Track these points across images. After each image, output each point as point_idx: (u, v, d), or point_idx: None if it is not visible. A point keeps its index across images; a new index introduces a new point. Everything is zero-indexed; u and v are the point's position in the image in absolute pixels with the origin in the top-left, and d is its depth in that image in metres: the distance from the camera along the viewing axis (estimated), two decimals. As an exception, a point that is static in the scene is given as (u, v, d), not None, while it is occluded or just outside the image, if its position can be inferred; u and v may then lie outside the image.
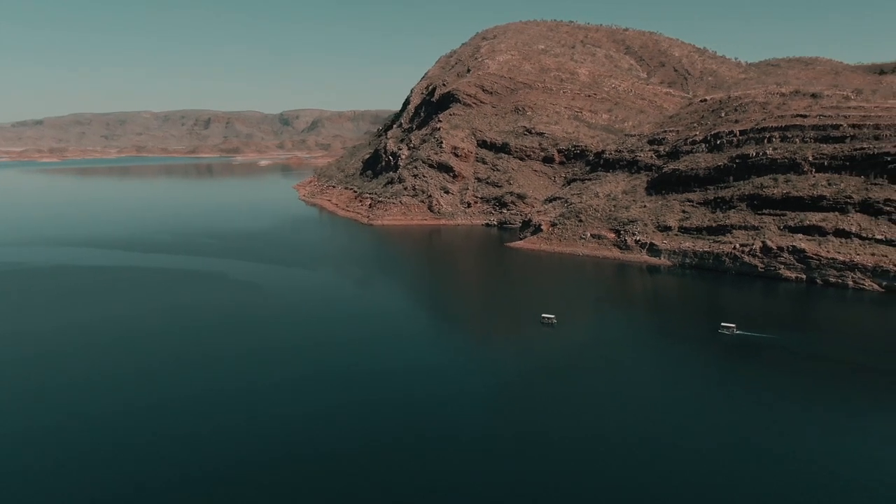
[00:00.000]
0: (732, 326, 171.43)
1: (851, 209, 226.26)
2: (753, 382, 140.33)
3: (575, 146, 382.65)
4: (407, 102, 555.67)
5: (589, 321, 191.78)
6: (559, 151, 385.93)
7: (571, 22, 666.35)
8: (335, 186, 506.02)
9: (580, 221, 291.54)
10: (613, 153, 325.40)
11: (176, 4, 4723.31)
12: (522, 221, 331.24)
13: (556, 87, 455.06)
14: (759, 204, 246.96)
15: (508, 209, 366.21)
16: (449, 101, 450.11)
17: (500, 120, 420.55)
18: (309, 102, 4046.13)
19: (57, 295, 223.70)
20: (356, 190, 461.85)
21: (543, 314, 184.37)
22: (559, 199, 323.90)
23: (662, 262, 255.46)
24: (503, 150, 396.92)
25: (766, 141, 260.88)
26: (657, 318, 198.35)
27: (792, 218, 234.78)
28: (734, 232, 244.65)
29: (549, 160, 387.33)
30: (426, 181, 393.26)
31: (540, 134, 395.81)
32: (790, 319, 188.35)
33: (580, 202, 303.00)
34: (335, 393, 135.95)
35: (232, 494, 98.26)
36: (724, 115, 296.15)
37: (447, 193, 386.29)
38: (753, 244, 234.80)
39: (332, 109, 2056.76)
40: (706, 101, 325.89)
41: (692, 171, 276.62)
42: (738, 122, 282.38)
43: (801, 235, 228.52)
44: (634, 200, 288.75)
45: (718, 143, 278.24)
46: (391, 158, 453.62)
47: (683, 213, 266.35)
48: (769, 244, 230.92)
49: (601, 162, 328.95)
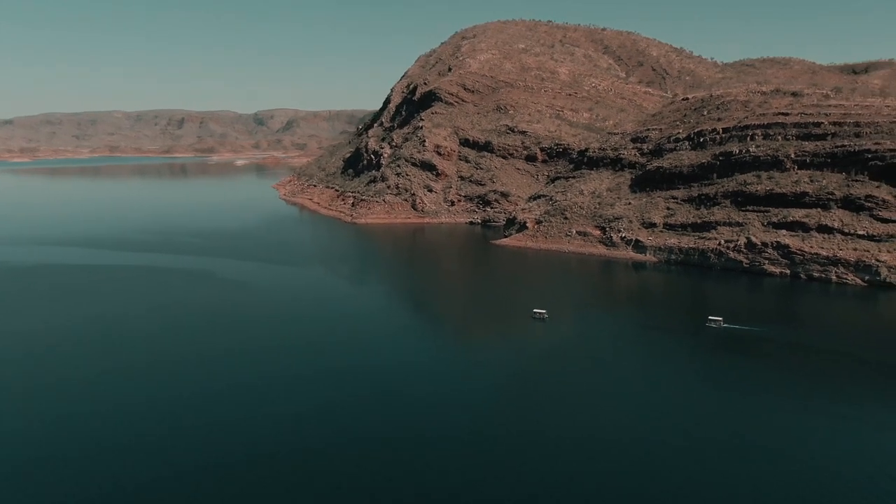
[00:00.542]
0: (720, 320, 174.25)
1: (834, 205, 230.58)
2: (740, 372, 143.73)
3: (557, 144, 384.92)
4: (387, 101, 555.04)
5: (579, 316, 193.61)
6: (542, 150, 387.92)
7: (550, 22, 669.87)
8: (316, 185, 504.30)
9: (565, 219, 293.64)
10: (597, 151, 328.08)
11: (147, 4, 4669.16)
12: (507, 219, 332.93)
13: (537, 86, 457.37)
14: (742, 201, 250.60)
15: (492, 207, 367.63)
16: (431, 99, 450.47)
17: (482, 118, 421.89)
18: (284, 102, 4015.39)
19: (42, 294, 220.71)
20: (338, 189, 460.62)
21: (535, 309, 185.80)
22: (543, 196, 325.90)
23: (648, 258, 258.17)
24: (486, 148, 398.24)
25: (748, 139, 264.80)
26: (645, 312, 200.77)
27: (775, 214, 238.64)
28: (719, 228, 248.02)
29: (531, 158, 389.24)
30: (409, 180, 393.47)
31: (522, 132, 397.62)
32: (775, 313, 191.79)
33: (565, 200, 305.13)
34: (327, 391, 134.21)
35: (224, 492, 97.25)
36: (706, 113, 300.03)
37: (431, 192, 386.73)
38: (738, 240, 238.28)
39: (307, 109, 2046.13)
40: (688, 99, 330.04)
41: (676, 168, 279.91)
42: (720, 120, 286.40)
43: (784, 231, 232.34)
44: (619, 198, 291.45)
45: (702, 140, 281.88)
46: (373, 157, 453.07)
47: (668, 209, 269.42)
48: (754, 240, 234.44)
49: (585, 160, 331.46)
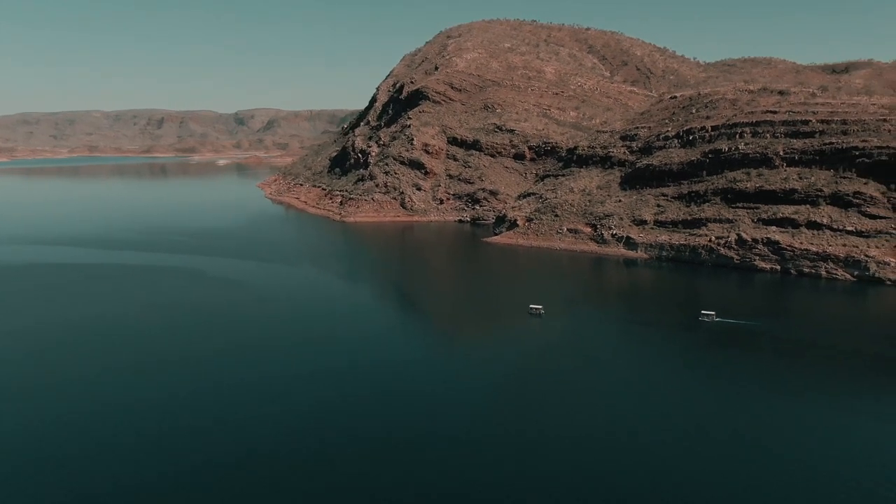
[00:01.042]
0: (712, 314, 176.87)
1: (822, 202, 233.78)
2: (734, 365, 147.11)
3: (545, 143, 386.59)
4: (373, 100, 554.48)
5: (575, 311, 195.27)
6: (530, 148, 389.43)
7: (534, 21, 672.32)
8: (302, 184, 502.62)
9: (556, 216, 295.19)
10: (586, 149, 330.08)
11: (124, 3, 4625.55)
12: (497, 217, 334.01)
13: (523, 84, 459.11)
14: (732, 197, 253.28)
15: (481, 205, 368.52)
16: (418, 98, 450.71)
17: (469, 117, 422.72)
18: (264, 102, 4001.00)
19: (34, 293, 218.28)
20: (325, 187, 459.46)
21: (531, 305, 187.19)
22: (533, 194, 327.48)
23: (639, 255, 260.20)
24: (474, 146, 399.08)
25: (737, 136, 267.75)
26: (639, 307, 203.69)
27: (765, 211, 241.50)
28: (709, 225, 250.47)
29: (520, 157, 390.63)
30: (398, 178, 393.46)
31: (510, 131, 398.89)
32: (767, 308, 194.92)
33: (555, 197, 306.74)
34: (326, 390, 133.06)
35: (221, 492, 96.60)
36: (694, 111, 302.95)
37: (419, 190, 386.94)
38: (728, 236, 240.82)
39: (287, 109, 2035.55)
40: (676, 97, 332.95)
41: (666, 166, 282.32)
42: (709, 118, 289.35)
43: (774, 228, 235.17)
44: (609, 195, 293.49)
45: (691, 138, 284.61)
46: (360, 156, 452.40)
47: (658, 207, 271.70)
48: (744, 236, 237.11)
49: (574, 158, 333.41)
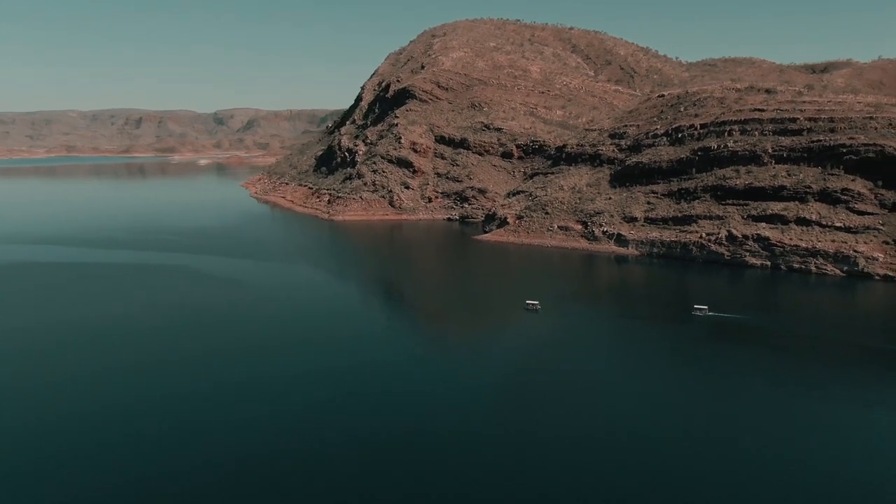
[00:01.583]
0: (705, 308, 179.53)
1: (811, 198, 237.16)
2: (727, 356, 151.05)
3: (533, 141, 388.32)
4: (359, 99, 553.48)
5: (570, 307, 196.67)
6: (518, 146, 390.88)
7: (518, 21, 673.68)
8: (288, 183, 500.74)
9: (546, 214, 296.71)
10: (575, 147, 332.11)
11: (100, 2, 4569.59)
12: (486, 215, 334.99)
13: (510, 83, 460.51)
14: (722, 194, 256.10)
15: (470, 204, 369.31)
16: (404, 97, 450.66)
17: (457, 116, 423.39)
18: (244, 102, 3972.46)
19: (30, 292, 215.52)
20: (311, 186, 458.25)
21: (528, 301, 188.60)
22: (522, 192, 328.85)
23: (630, 251, 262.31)
24: (462, 145, 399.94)
25: (726, 134, 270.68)
26: (633, 302, 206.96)
27: (755, 207, 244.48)
28: (699, 222, 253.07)
29: (507, 155, 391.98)
30: (386, 177, 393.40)
31: (498, 129, 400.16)
32: (758, 302, 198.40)
33: (545, 195, 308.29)
34: (324, 390, 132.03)
35: (217, 492, 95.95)
36: (683, 109, 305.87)
37: (407, 189, 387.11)
38: (719, 233, 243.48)
39: (267, 109, 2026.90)
40: (664, 96, 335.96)
41: (655, 163, 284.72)
42: (697, 116, 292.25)
43: (764, 224, 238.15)
44: (599, 193, 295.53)
45: (680, 136, 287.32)
46: (347, 155, 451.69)
47: (648, 204, 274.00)
48: (734, 233, 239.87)
49: (563, 156, 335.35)
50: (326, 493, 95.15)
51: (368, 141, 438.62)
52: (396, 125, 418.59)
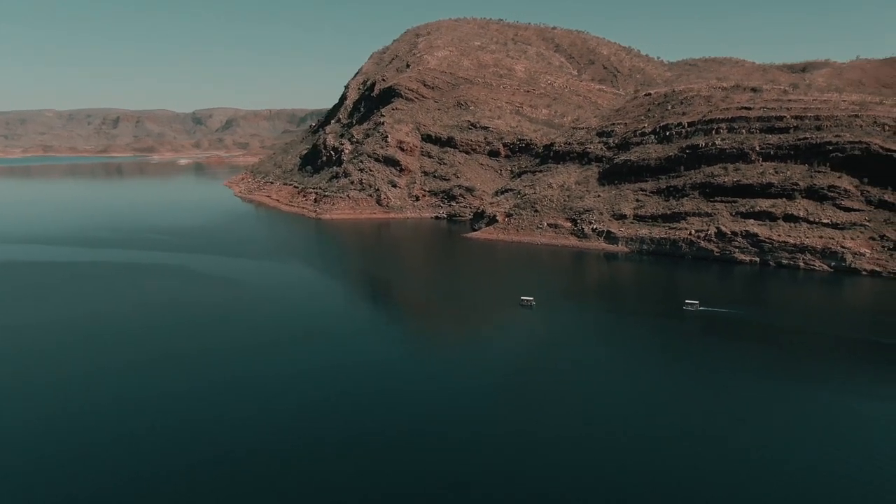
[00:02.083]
0: (696, 303, 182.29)
1: (798, 195, 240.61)
2: (719, 350, 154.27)
3: (520, 140, 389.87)
4: (343, 98, 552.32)
5: (564, 303, 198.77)
6: (504, 145, 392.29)
7: (501, 20, 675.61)
8: (273, 182, 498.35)
9: (536, 211, 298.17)
10: (563, 145, 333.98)
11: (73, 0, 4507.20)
12: (475, 213, 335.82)
13: (495, 82, 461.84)
14: (710, 192, 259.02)
15: (457, 202, 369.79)
16: (390, 95, 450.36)
17: (443, 114, 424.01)
18: (222, 101, 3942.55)
19: (22, 291, 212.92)
20: (297, 185, 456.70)
21: (522, 297, 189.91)
22: (510, 190, 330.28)
23: (620, 248, 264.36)
24: (448, 144, 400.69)
25: (714, 132, 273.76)
26: (625, 297, 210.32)
27: (743, 204, 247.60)
28: (689, 219, 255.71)
29: (494, 154, 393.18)
30: (373, 175, 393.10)
31: (485, 128, 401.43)
32: (748, 297, 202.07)
33: (534, 193, 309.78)
34: (315, 388, 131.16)
35: (216, 490, 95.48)
36: (670, 108, 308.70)
37: (395, 187, 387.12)
38: (708, 230, 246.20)
39: (246, 108, 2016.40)
40: (651, 94, 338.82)
41: (644, 161, 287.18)
42: (685, 114, 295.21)
43: (752, 221, 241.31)
44: (588, 190, 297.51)
45: (668, 134, 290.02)
46: (333, 153, 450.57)
47: (637, 201, 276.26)
48: (723, 229, 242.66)
49: (551, 154, 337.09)
50: (321, 492, 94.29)
51: (354, 140, 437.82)
52: (383, 124, 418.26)
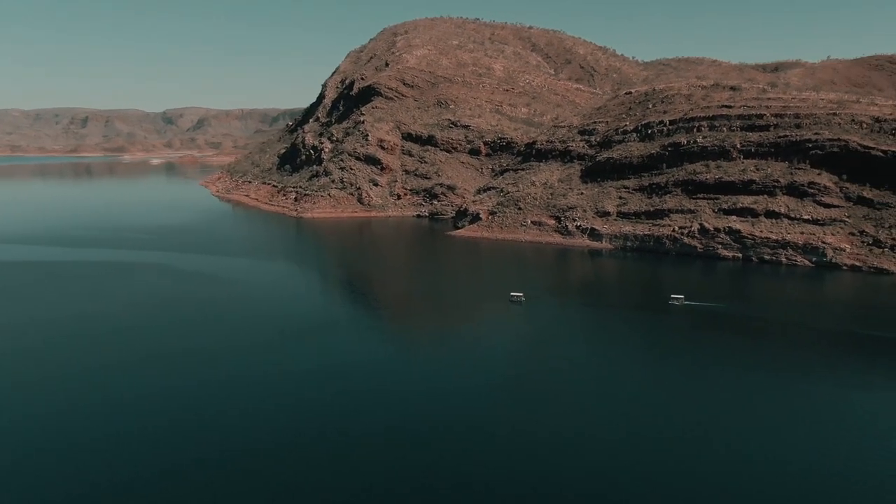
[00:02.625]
0: (681, 297, 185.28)
1: (779, 192, 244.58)
2: (705, 342, 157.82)
3: (500, 138, 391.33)
4: (322, 96, 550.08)
5: (552, 298, 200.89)
6: (485, 143, 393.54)
7: (477, 19, 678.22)
8: (251, 182, 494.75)
9: (519, 209, 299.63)
10: (545, 143, 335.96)
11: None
12: (458, 211, 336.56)
13: (474, 81, 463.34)
14: (693, 189, 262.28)
15: (439, 200, 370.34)
16: (370, 94, 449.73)
17: (423, 113, 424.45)
18: (193, 100, 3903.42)
19: (8, 291, 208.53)
20: (276, 184, 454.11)
21: (512, 293, 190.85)
22: (493, 188, 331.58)
23: (604, 245, 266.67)
24: (429, 142, 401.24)
25: (695, 130, 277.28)
26: (612, 293, 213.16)
27: (725, 201, 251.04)
28: (672, 216, 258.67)
29: (475, 152, 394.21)
30: (354, 174, 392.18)
31: (465, 126, 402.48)
32: (732, 291, 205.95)
33: (517, 191, 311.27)
34: (307, 388, 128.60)
35: (210, 488, 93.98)
36: (651, 106, 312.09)
37: (376, 186, 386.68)
38: (691, 226, 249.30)
39: (218, 108, 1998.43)
40: (631, 93, 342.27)
41: (626, 159, 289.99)
42: (666, 112, 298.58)
43: (734, 217, 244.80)
44: (571, 188, 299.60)
45: (650, 132, 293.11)
46: (312, 152, 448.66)
47: (620, 199, 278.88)
48: (706, 226, 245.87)
49: (533, 152, 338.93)
50: (311, 493, 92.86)
51: (334, 138, 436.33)
52: (363, 122, 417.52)
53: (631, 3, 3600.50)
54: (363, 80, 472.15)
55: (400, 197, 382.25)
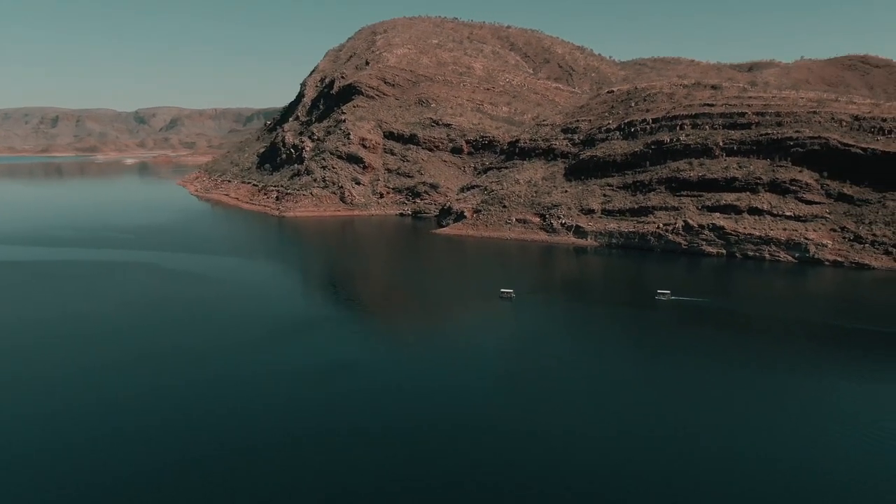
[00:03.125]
0: (668, 292, 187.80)
1: (761, 189, 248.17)
2: (692, 335, 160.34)
3: (482, 137, 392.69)
4: (301, 95, 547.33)
5: (541, 295, 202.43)
6: (467, 142, 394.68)
7: (455, 19, 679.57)
8: (230, 181, 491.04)
9: (504, 207, 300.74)
10: (528, 142, 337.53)
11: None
12: (442, 209, 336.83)
13: (455, 80, 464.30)
14: (677, 186, 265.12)
15: (422, 199, 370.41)
16: (350, 93, 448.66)
17: (404, 112, 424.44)
18: (166, 100, 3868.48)
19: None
20: (256, 183, 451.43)
21: (502, 289, 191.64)
22: (476, 187, 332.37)
23: (589, 242, 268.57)
24: (411, 141, 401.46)
25: (678, 128, 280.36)
26: (599, 289, 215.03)
27: (709, 198, 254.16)
28: (656, 213, 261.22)
29: (457, 151, 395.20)
30: (336, 173, 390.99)
31: (447, 125, 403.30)
32: (717, 286, 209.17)
33: (501, 189, 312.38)
34: (300, 387, 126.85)
35: (205, 487, 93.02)
36: (633, 104, 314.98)
37: (358, 184, 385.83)
38: (676, 223, 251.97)
39: (191, 108, 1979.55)
40: (613, 92, 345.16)
41: (609, 157, 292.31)
42: (648, 111, 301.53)
43: (718, 214, 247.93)
44: (555, 186, 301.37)
45: (633, 130, 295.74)
46: (293, 151, 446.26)
47: (605, 196, 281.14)
48: (690, 223, 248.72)
49: (516, 151, 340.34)
50: (304, 491, 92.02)
51: (315, 137, 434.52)
52: (344, 121, 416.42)
53: (600, 2, 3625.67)
54: (343, 78, 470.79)
55: (383, 196, 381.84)
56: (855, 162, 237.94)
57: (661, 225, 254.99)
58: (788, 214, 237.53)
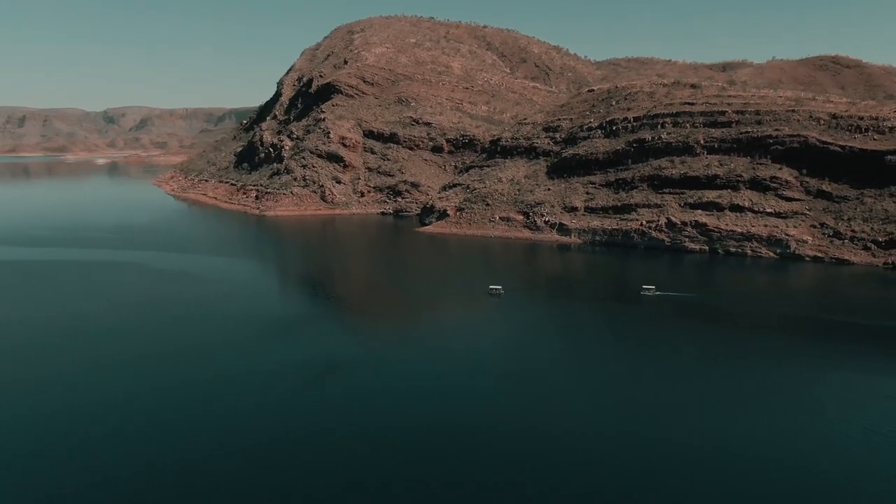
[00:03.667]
0: (652, 288, 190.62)
1: (742, 186, 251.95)
2: (677, 329, 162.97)
3: (463, 135, 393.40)
4: (278, 94, 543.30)
5: (529, 291, 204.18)
6: (447, 141, 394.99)
7: (432, 18, 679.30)
8: (207, 180, 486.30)
9: (487, 205, 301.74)
10: (510, 140, 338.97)
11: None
12: (424, 207, 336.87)
13: (434, 79, 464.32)
14: (659, 184, 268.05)
15: (403, 197, 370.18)
16: (329, 92, 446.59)
17: (384, 111, 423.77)
18: (135, 100, 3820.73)
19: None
20: (234, 183, 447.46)
21: (490, 286, 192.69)
22: (459, 185, 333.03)
23: (573, 240, 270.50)
24: (392, 140, 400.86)
25: (659, 126, 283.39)
26: (585, 285, 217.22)
27: (691, 196, 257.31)
28: (639, 210, 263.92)
29: (437, 149, 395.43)
30: (316, 171, 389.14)
31: (427, 124, 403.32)
32: (701, 282, 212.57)
33: (484, 187, 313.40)
34: (286, 388, 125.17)
35: (200, 487, 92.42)
36: (615, 103, 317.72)
37: (339, 183, 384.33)
38: (658, 220, 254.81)
39: (161, 107, 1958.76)
40: (594, 91, 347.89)
41: (591, 155, 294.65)
42: (629, 109, 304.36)
43: (700, 211, 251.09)
44: (538, 184, 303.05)
45: (614, 129, 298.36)
46: (272, 150, 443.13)
47: (588, 194, 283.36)
48: (673, 220, 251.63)
49: (498, 149, 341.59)
50: (302, 490, 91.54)
51: (294, 136, 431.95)
52: (324, 120, 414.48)
53: (569, 2, 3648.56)
54: (322, 77, 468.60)
55: (364, 194, 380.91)
56: (833, 159, 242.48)
57: (643, 222, 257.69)
58: (769, 211, 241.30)
